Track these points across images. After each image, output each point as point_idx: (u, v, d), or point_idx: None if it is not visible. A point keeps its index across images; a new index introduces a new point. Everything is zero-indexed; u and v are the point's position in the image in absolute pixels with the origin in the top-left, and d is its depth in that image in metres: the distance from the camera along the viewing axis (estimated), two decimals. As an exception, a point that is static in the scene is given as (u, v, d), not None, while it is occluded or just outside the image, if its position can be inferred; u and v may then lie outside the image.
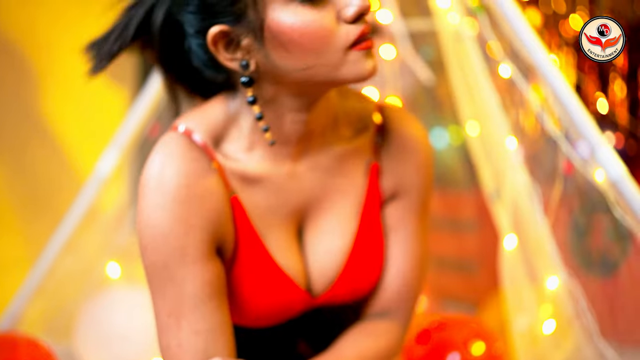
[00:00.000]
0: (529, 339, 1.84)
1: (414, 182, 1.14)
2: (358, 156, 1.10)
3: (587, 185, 1.46)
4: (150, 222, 0.95)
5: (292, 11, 0.89)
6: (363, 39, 0.92)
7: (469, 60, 1.70)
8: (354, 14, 0.90)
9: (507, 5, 1.52)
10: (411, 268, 1.13)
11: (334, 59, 0.92)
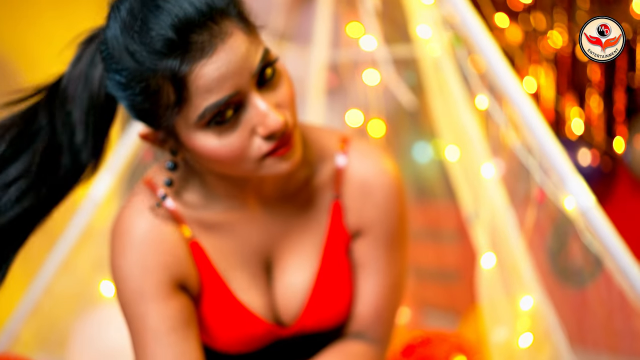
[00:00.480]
0: (506, 352, 1.91)
1: (377, 219, 1.14)
2: (320, 194, 1.12)
3: (558, 212, 1.54)
4: (114, 266, 1.06)
5: (204, 136, 0.91)
6: (276, 149, 0.94)
7: (448, 88, 1.78)
8: (266, 134, 0.92)
9: (483, 39, 1.59)
10: (382, 298, 1.15)
11: (250, 166, 0.95)
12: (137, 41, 0.87)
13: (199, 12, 0.86)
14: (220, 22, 0.87)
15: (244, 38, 0.89)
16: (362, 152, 1.13)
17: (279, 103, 0.93)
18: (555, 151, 1.49)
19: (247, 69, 0.89)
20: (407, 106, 2.00)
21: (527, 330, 1.94)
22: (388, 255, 1.15)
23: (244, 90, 0.90)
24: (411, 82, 2.13)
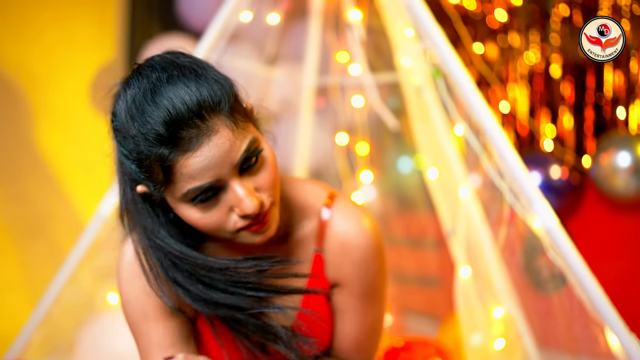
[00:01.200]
0: (482, 355, 2.05)
1: (354, 276, 1.20)
2: (304, 245, 1.20)
3: (527, 231, 1.69)
4: (121, 292, 1.19)
5: (187, 208, 1.03)
6: (250, 226, 1.03)
7: (429, 114, 1.92)
8: (241, 215, 1.02)
9: (460, 73, 1.74)
10: (358, 338, 1.25)
11: (227, 235, 1.06)
12: (135, 128, 0.98)
13: (189, 111, 0.96)
14: (209, 120, 0.97)
15: (229, 134, 0.98)
16: (345, 211, 1.20)
17: (258, 187, 1.03)
18: (524, 177, 1.64)
19: (229, 161, 0.99)
20: (390, 127, 2.14)
21: (500, 335, 2.08)
22: (363, 305, 1.23)
23: (225, 178, 1.00)
24: (394, 105, 2.27)
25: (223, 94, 1.00)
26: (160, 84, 0.98)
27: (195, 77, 1.00)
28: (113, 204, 1.94)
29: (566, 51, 3.19)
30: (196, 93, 0.97)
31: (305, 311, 1.19)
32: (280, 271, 1.17)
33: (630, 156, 2.54)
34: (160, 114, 0.96)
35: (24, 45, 2.73)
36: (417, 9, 1.78)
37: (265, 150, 1.04)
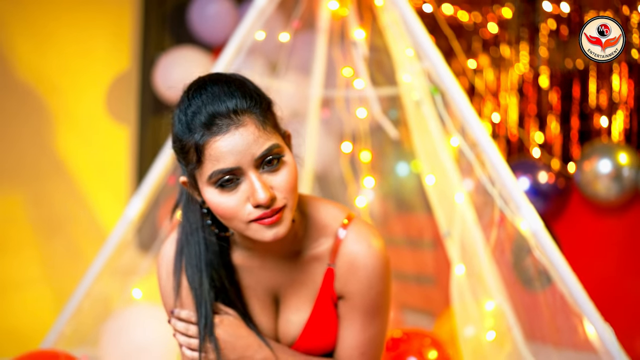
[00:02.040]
0: (474, 346, 2.22)
1: (357, 292, 1.31)
2: (318, 260, 1.33)
3: (515, 232, 1.87)
4: (159, 284, 1.36)
5: (211, 191, 1.16)
6: (262, 218, 1.15)
7: (427, 126, 2.09)
8: (254, 204, 1.14)
9: (455, 91, 1.92)
10: (357, 348, 1.36)
11: (240, 226, 1.18)
12: (183, 116, 1.17)
13: (225, 105, 1.14)
14: (240, 115, 1.15)
15: (255, 131, 1.15)
16: (359, 233, 1.31)
17: (275, 186, 1.17)
18: (513, 184, 1.82)
19: (250, 153, 1.14)
20: (391, 136, 2.31)
21: (491, 327, 2.26)
22: (364, 319, 1.34)
23: (245, 167, 1.15)
24: (393, 117, 2.44)
25: (257, 101, 1.17)
26: (208, 84, 1.18)
27: (237, 84, 1.18)
28: (138, 208, 2.10)
29: (553, 63, 3.37)
30: (234, 93, 1.16)
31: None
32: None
33: (611, 163, 2.72)
34: (202, 105, 1.15)
35: (45, 57, 2.86)
36: (417, 31, 1.95)
37: (287, 159, 1.19)
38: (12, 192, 2.78)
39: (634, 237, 2.83)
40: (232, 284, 1.33)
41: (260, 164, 1.16)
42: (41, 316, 2.82)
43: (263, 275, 1.36)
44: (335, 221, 1.33)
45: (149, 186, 2.11)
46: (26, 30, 2.82)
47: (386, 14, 2.06)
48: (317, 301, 1.35)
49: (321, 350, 1.42)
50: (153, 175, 2.11)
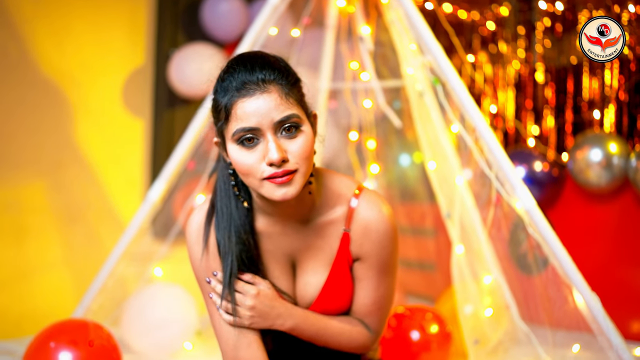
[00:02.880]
0: (473, 322, 2.36)
1: (373, 252, 1.47)
2: (334, 226, 1.47)
3: (510, 211, 2.02)
4: (189, 251, 1.49)
5: (234, 148, 1.31)
6: (273, 177, 1.28)
7: (429, 115, 2.25)
8: (267, 163, 1.28)
9: (455, 82, 2.07)
10: (371, 304, 1.54)
11: (255, 182, 1.32)
12: (221, 80, 1.35)
13: (256, 74, 1.31)
14: (267, 84, 1.30)
15: (277, 98, 1.29)
16: (370, 200, 1.46)
17: (290, 151, 1.31)
18: (509, 167, 1.97)
19: (270, 117, 1.29)
20: (395, 125, 2.46)
21: (489, 305, 2.41)
22: (378, 276, 1.50)
23: (264, 129, 1.30)
24: (397, 107, 2.60)
25: (284, 75, 1.33)
26: (246, 57, 1.36)
27: (270, 59, 1.35)
28: (160, 191, 2.25)
29: (549, 59, 3.51)
30: (265, 65, 1.32)
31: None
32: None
33: (602, 152, 2.86)
34: (237, 73, 1.32)
35: (65, 54, 2.98)
36: (420, 27, 2.11)
37: (305, 130, 1.33)
38: (35, 180, 2.90)
39: (623, 221, 2.97)
40: (254, 248, 1.47)
41: (279, 129, 1.31)
42: (62, 298, 2.95)
43: (283, 241, 1.50)
44: (349, 190, 1.48)
45: (170, 171, 2.25)
46: (48, 28, 2.93)
47: (391, 11, 2.22)
48: (334, 264, 1.50)
49: (336, 311, 1.56)
50: (174, 161, 2.26)
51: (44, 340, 1.88)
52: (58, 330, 1.91)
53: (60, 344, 1.84)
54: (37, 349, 1.87)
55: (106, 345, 1.91)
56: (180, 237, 2.55)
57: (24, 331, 2.82)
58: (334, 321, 1.55)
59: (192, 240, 1.50)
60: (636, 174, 2.75)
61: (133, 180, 3.28)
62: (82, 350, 1.84)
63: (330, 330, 1.53)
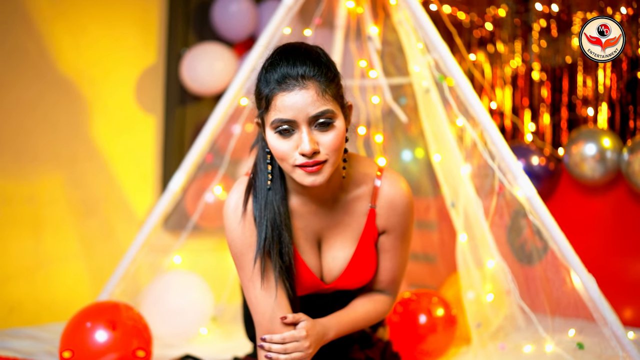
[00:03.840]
0: (476, 306, 2.49)
1: (398, 224, 1.65)
2: (361, 203, 1.62)
3: (512, 199, 2.15)
4: (227, 231, 1.60)
5: (271, 134, 1.45)
6: (304, 166, 1.41)
7: (435, 110, 2.38)
8: (300, 152, 1.41)
9: (460, 78, 2.20)
10: (396, 271, 1.71)
11: (288, 167, 1.45)
12: (264, 70, 1.47)
13: (296, 70, 1.42)
14: (306, 80, 1.42)
15: (314, 95, 1.41)
16: (391, 179, 1.64)
17: (322, 143, 1.43)
18: (510, 157, 2.10)
19: (306, 111, 1.41)
20: (401, 120, 2.59)
21: (490, 291, 2.53)
22: (401, 245, 1.69)
23: (300, 121, 1.42)
24: (403, 103, 2.73)
25: (323, 72, 1.44)
26: (290, 50, 1.47)
27: (312, 55, 1.46)
28: (181, 181, 2.37)
29: (544, 58, 3.64)
30: (306, 61, 1.43)
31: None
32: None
33: (596, 146, 3.00)
34: (279, 66, 1.44)
35: (82, 52, 3.08)
36: (427, 26, 2.24)
37: (337, 125, 1.44)
38: (53, 174, 2.99)
39: (616, 212, 3.10)
40: (286, 217, 1.58)
41: (314, 123, 1.42)
42: (78, 287, 3.06)
43: (313, 219, 1.63)
44: (372, 170, 1.63)
45: (190, 162, 2.37)
46: (65, 28, 3.02)
47: (399, 11, 2.35)
48: (361, 237, 1.64)
49: (359, 283, 1.70)
50: (194, 153, 2.38)
51: (80, 321, 2.00)
52: (92, 312, 2.02)
53: (96, 324, 1.96)
54: (74, 330, 1.98)
55: (138, 326, 2.03)
56: (194, 231, 2.66)
57: (42, 319, 2.92)
58: (359, 308, 1.71)
59: (229, 213, 1.60)
60: (628, 168, 2.89)
61: (145, 174, 3.38)
62: (116, 329, 1.96)
63: (360, 320, 1.69)
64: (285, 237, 1.56)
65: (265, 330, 1.56)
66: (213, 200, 2.69)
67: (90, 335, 1.94)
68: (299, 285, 1.67)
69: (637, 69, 3.18)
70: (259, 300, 1.57)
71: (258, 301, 1.57)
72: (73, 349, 1.93)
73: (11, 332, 2.59)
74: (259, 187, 1.58)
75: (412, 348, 2.30)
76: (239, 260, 1.60)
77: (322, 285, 1.71)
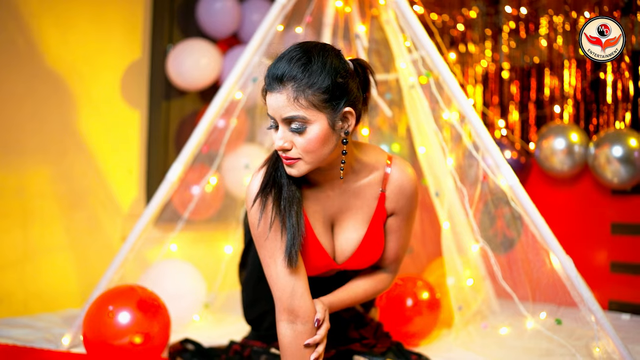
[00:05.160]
0: (456, 290, 2.65)
1: (405, 206, 1.79)
2: (372, 187, 1.76)
3: (495, 187, 2.31)
4: (249, 214, 1.71)
5: (268, 124, 1.60)
6: (283, 158, 1.58)
7: (419, 105, 2.52)
8: (275, 148, 1.59)
9: (447, 74, 2.34)
10: (399, 250, 1.86)
11: (279, 156, 1.65)
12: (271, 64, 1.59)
13: (280, 74, 1.53)
14: (286, 84, 1.52)
15: (285, 99, 1.52)
16: (399, 166, 1.77)
17: (295, 144, 1.55)
18: (494, 148, 2.26)
19: (279, 113, 1.54)
20: (386, 114, 2.73)
21: (470, 276, 2.70)
22: (406, 226, 1.83)
23: (277, 120, 1.55)
24: (388, 98, 2.86)
25: (304, 77, 1.52)
26: (292, 50, 1.58)
27: (304, 59, 1.55)
28: (179, 172, 2.45)
29: (513, 58, 3.84)
30: (294, 64, 1.53)
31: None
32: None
33: (565, 141, 3.20)
34: (275, 63, 1.57)
35: (69, 47, 3.11)
36: (415, 25, 2.38)
37: (311, 129, 1.53)
38: (41, 168, 3.02)
39: (583, 203, 3.31)
40: (300, 193, 1.71)
41: (289, 123, 1.55)
42: (66, 279, 3.10)
43: (327, 203, 1.75)
44: (382, 158, 1.77)
45: (187, 154, 2.46)
46: (54, 23, 3.05)
47: (388, 11, 2.48)
48: (372, 220, 1.78)
49: (367, 263, 1.83)
50: (191, 144, 2.46)
51: (101, 304, 2.07)
52: (113, 296, 2.10)
53: (118, 306, 2.05)
54: (97, 313, 2.05)
55: (156, 304, 2.13)
56: (180, 221, 2.72)
57: (32, 309, 2.96)
58: (359, 288, 1.86)
59: (251, 197, 1.70)
60: (594, 161, 3.09)
61: (130, 168, 3.43)
62: (138, 310, 2.05)
63: (359, 299, 1.86)
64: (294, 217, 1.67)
65: (286, 304, 1.67)
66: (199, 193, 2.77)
67: (114, 318, 2.02)
68: (313, 265, 1.79)
69: (599, 70, 3.39)
70: (279, 276, 1.68)
71: (279, 277, 1.68)
72: (96, 332, 2.02)
73: (5, 322, 2.63)
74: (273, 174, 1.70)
75: (399, 330, 2.43)
76: (260, 240, 1.70)
77: (334, 265, 1.83)
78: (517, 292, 2.29)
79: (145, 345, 2.04)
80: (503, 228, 2.60)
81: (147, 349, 2.05)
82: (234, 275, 2.98)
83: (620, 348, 2.00)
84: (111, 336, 2.01)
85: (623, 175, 2.99)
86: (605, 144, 3.03)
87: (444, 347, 2.48)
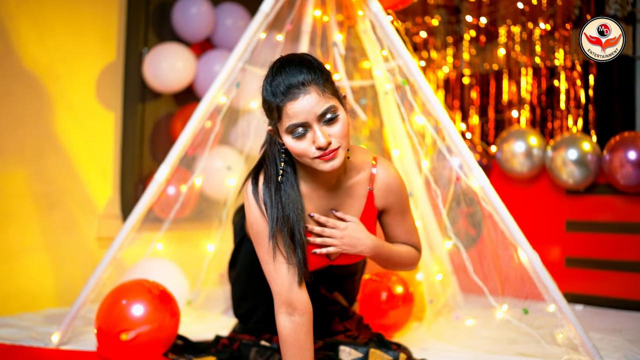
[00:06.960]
0: (428, 284, 2.81)
1: (396, 202, 1.94)
2: (360, 186, 1.90)
3: (467, 188, 2.48)
4: (247, 214, 1.82)
5: (288, 138, 1.65)
6: (322, 156, 1.63)
7: (394, 110, 2.67)
8: (317, 147, 1.63)
9: (422, 81, 2.50)
10: (409, 231, 2.00)
11: (308, 161, 1.67)
12: (269, 86, 1.67)
13: (297, 79, 1.63)
14: (307, 86, 1.63)
15: (317, 97, 1.62)
16: (384, 166, 1.91)
17: (332, 134, 1.65)
18: (466, 151, 2.42)
19: (314, 112, 1.63)
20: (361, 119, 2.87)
21: (438, 272, 2.86)
22: (403, 216, 1.98)
23: (311, 121, 1.63)
24: (363, 103, 3.00)
25: (319, 75, 1.65)
26: (285, 64, 1.67)
27: (305, 63, 1.67)
28: (166, 173, 2.53)
29: (474, 65, 4.04)
30: (303, 70, 1.64)
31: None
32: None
33: (524, 144, 3.41)
34: (282, 79, 1.64)
35: (46, 49, 3.14)
36: (392, 35, 2.53)
37: (340, 115, 1.67)
38: (17, 169, 3.03)
39: (540, 202, 3.52)
40: (297, 205, 1.81)
41: (322, 119, 1.65)
42: (42, 279, 3.12)
43: (321, 202, 1.88)
44: (367, 158, 1.90)
45: (174, 155, 2.54)
46: (31, 25, 3.07)
47: (366, 21, 2.63)
48: (363, 213, 1.91)
49: (357, 258, 1.96)
50: (177, 147, 2.55)
51: (114, 299, 2.17)
52: (124, 291, 2.20)
53: (130, 300, 2.15)
54: (110, 308, 2.15)
55: (166, 296, 2.23)
56: (156, 222, 2.77)
57: (10, 309, 2.96)
58: (397, 247, 2.00)
59: (250, 199, 1.81)
60: (552, 163, 3.31)
61: (105, 169, 3.47)
62: (150, 302, 2.16)
63: (397, 253, 1.98)
64: (293, 217, 1.79)
65: (284, 297, 1.78)
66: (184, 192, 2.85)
67: (128, 311, 2.12)
68: (309, 261, 1.89)
69: (554, 77, 3.62)
70: (277, 272, 1.79)
71: (277, 273, 1.79)
72: (108, 323, 2.12)
73: (-11, 321, 2.65)
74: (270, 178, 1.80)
75: (375, 322, 2.56)
76: (259, 239, 1.82)
77: (327, 261, 1.95)
78: (487, 286, 2.46)
79: (154, 335, 2.14)
80: (466, 226, 2.76)
81: (155, 339, 2.15)
82: (216, 273, 3.08)
83: (581, 333, 2.19)
84: (126, 328, 2.11)
85: (577, 177, 3.22)
86: (561, 147, 3.25)
87: (417, 338, 2.63)
